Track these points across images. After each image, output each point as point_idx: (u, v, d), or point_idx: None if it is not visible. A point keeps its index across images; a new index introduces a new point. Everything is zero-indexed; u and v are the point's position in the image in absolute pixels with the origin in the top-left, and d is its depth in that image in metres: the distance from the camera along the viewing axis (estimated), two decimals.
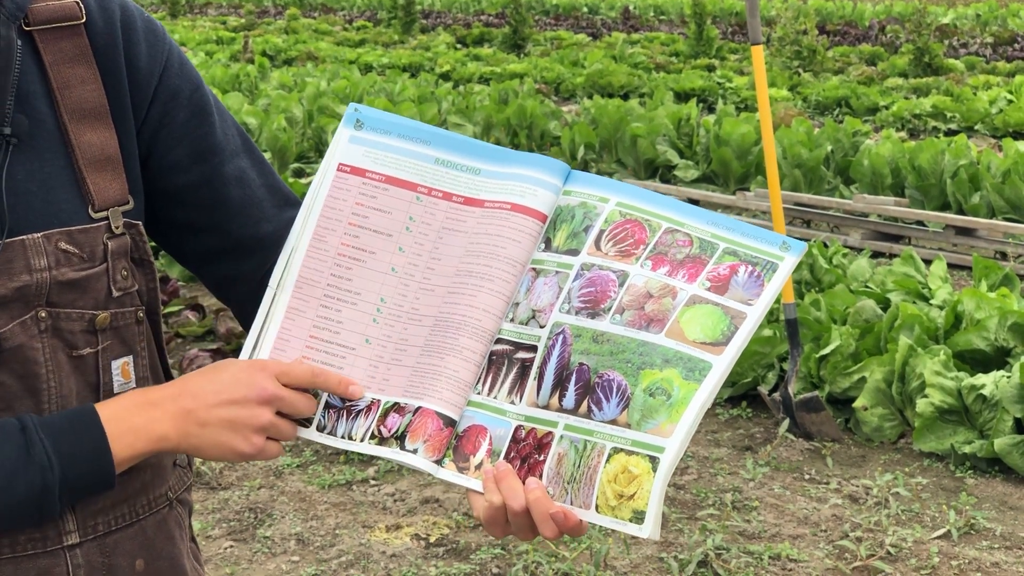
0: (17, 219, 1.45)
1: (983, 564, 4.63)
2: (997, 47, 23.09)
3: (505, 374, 1.51)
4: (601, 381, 1.45)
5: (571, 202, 1.55)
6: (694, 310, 1.45)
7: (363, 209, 1.56)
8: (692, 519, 4.96)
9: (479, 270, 1.53)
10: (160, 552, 1.61)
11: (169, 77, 1.59)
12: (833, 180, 11.18)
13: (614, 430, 1.43)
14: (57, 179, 1.50)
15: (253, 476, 5.38)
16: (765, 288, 1.44)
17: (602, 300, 1.48)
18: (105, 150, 1.53)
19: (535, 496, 1.43)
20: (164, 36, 1.61)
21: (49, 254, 1.46)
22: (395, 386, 1.53)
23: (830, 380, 5.96)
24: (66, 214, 1.49)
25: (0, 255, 1.44)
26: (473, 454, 1.49)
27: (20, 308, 1.45)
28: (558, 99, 18.80)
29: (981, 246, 9.07)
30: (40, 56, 1.51)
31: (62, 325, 1.48)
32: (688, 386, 1.41)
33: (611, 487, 1.42)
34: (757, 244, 1.47)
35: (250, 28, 29.68)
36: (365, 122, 1.60)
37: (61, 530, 1.50)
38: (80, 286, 1.49)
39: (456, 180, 1.57)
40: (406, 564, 4.59)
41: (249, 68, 18.62)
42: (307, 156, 13.14)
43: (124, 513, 1.56)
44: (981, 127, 15.23)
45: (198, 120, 1.61)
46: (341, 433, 1.53)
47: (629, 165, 12.38)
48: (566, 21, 31.01)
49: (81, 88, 1.52)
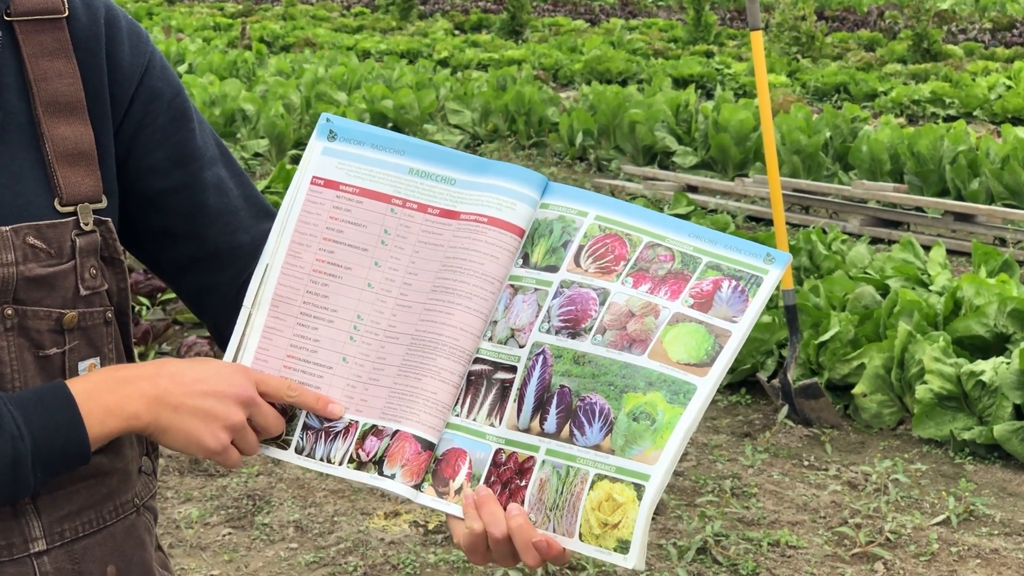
0: None
1: (982, 550, 4.63)
2: (996, 33, 23.06)
3: (484, 395, 1.48)
4: (583, 405, 1.42)
5: (549, 216, 1.51)
6: (677, 329, 1.42)
7: (337, 223, 1.54)
8: (691, 506, 4.95)
9: (455, 287, 1.50)
10: (131, 558, 1.58)
11: (151, 79, 1.58)
12: (832, 166, 11.17)
13: (598, 456, 1.40)
14: (28, 172, 1.47)
15: (251, 463, 5.37)
16: (750, 304, 1.42)
17: (583, 319, 1.45)
18: (79, 145, 1.50)
19: (517, 523, 1.41)
20: (147, 39, 1.60)
21: (17, 248, 1.44)
22: (373, 407, 1.50)
23: (829, 366, 5.96)
24: (35, 208, 1.46)
25: None
26: (452, 478, 1.46)
27: None
28: (556, 85, 18.77)
29: (980, 232, 9.07)
30: (19, 48, 1.49)
31: (29, 324, 1.45)
32: (673, 410, 1.38)
33: (595, 515, 1.39)
34: (741, 257, 1.44)
35: (248, 14, 29.61)
36: (338, 133, 1.57)
37: (27, 537, 1.47)
38: (48, 283, 1.46)
39: (431, 191, 1.53)
40: (404, 551, 4.59)
41: (247, 54, 18.59)
42: (305, 143, 12.98)
43: (91, 519, 1.53)
44: (980, 113, 15.22)
45: (178, 125, 1.59)
46: (320, 456, 1.51)
47: (627, 151, 12.37)
48: (564, 7, 30.93)
49: (58, 81, 1.50)
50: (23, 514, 1.47)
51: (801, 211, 10.14)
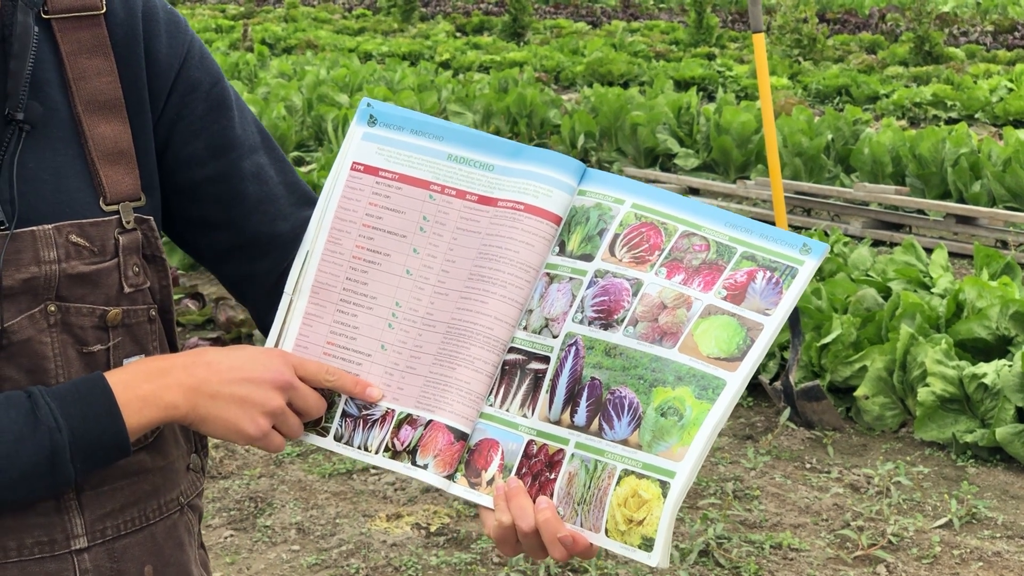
0: (27, 208, 1.43)
1: (985, 553, 4.62)
2: (997, 35, 23.04)
3: (518, 385, 1.47)
4: (613, 398, 1.41)
5: (586, 203, 1.50)
6: (709, 322, 1.40)
7: (377, 209, 1.54)
8: (693, 508, 4.95)
9: (491, 275, 1.49)
10: (169, 559, 1.58)
11: (189, 69, 1.57)
12: (834, 169, 11.16)
13: (625, 451, 1.40)
14: (69, 169, 1.47)
15: (253, 465, 5.37)
16: (784, 296, 1.39)
17: (615, 310, 1.44)
18: (118, 144, 1.50)
19: (544, 517, 1.41)
20: (186, 28, 1.59)
21: (59, 246, 1.43)
22: (409, 395, 1.51)
23: (831, 369, 5.96)
24: (78, 205, 1.46)
25: (9, 245, 1.41)
26: (485, 469, 1.47)
27: (28, 301, 1.42)
28: (558, 87, 18.77)
29: (982, 235, 9.06)
30: (58, 45, 1.49)
31: (72, 320, 1.45)
32: (701, 406, 1.37)
33: (621, 511, 1.39)
34: (777, 247, 1.42)
35: (249, 16, 29.63)
36: (378, 118, 1.57)
37: (69, 534, 1.47)
38: (91, 280, 1.46)
39: (469, 177, 1.53)
40: (407, 553, 4.59)
41: (248, 56, 18.61)
42: (306, 145, 13.12)
43: (134, 517, 1.53)
44: (982, 115, 15.21)
45: (217, 114, 1.59)
46: (358, 444, 1.51)
47: (629, 154, 12.37)
48: (566, 9, 30.94)
49: (97, 79, 1.50)
50: (66, 511, 1.47)
51: (803, 213, 10.14)
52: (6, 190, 1.42)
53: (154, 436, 1.54)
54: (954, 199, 9.96)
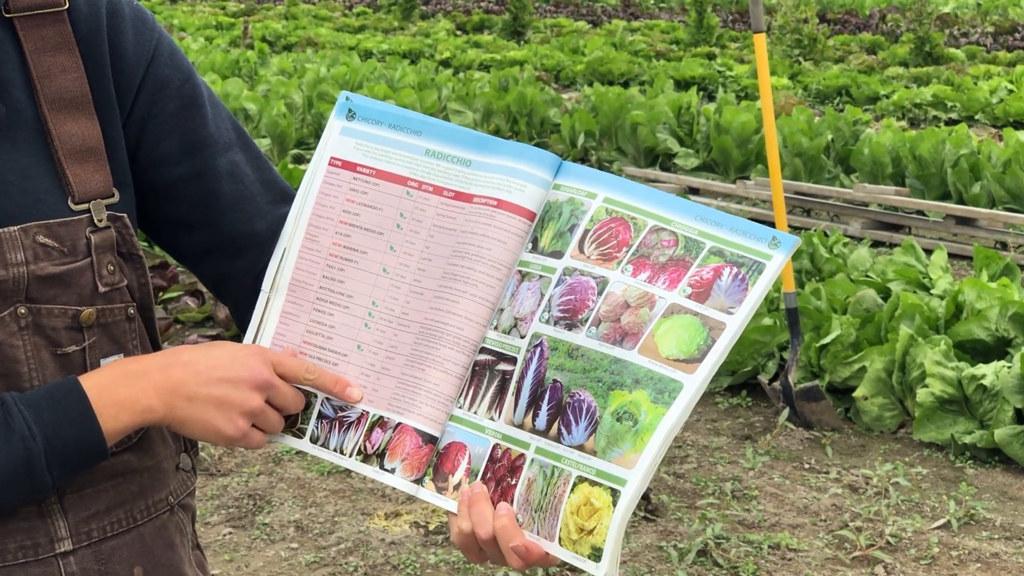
0: None
1: (983, 554, 4.63)
2: (998, 36, 23.04)
3: (486, 387, 1.44)
4: (572, 401, 1.38)
5: (560, 197, 1.47)
6: (671, 321, 1.36)
7: (354, 206, 1.51)
8: (692, 508, 4.95)
9: (464, 274, 1.46)
10: (159, 559, 1.55)
11: (157, 67, 1.54)
12: (833, 169, 11.16)
13: (580, 457, 1.36)
14: (35, 170, 1.44)
15: (252, 463, 5.37)
16: (748, 292, 1.35)
17: (580, 310, 1.40)
18: (87, 141, 1.47)
19: (501, 524, 1.38)
20: (153, 24, 1.56)
21: (26, 248, 1.40)
22: (382, 398, 1.48)
23: (830, 369, 5.96)
24: (45, 206, 1.43)
25: None
26: (452, 473, 1.43)
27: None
28: (558, 86, 18.77)
29: (982, 236, 9.07)
30: (20, 44, 1.46)
31: (44, 322, 1.43)
32: (656, 410, 1.33)
33: (573, 519, 1.35)
34: (745, 241, 1.38)
35: (250, 13, 29.61)
36: (357, 112, 1.54)
37: (53, 537, 1.45)
38: (62, 281, 1.43)
39: (447, 173, 1.49)
40: (405, 551, 4.59)
41: (249, 54, 18.61)
42: (306, 142, 13.12)
43: (120, 518, 1.51)
44: (982, 117, 15.21)
45: (189, 112, 1.56)
46: (333, 446, 1.49)
47: (629, 153, 12.37)
48: (566, 8, 30.92)
49: (62, 77, 1.47)
50: (49, 514, 1.45)
51: (803, 214, 10.14)
52: None
53: (139, 436, 1.52)
54: (954, 200, 9.97)
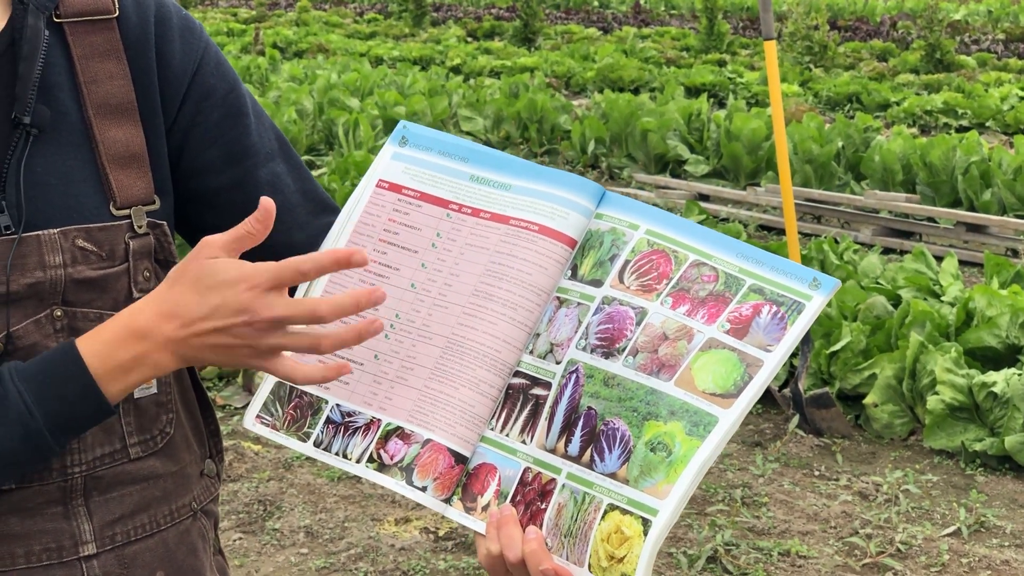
0: (34, 212, 1.41)
1: (993, 562, 4.62)
2: (1009, 44, 23.01)
3: (519, 411, 1.45)
4: (607, 429, 1.38)
5: (602, 227, 1.48)
6: (709, 356, 1.37)
7: (394, 225, 1.53)
8: (701, 514, 4.95)
9: (502, 295, 1.47)
10: (182, 564, 1.56)
11: (203, 75, 1.56)
12: (844, 176, 11.16)
13: (612, 484, 1.37)
14: (79, 174, 1.45)
15: (263, 468, 5.38)
16: (787, 332, 1.35)
17: (618, 339, 1.41)
18: (130, 147, 1.49)
19: (531, 548, 1.39)
20: (200, 33, 1.58)
21: (65, 251, 1.41)
22: (399, 408, 1.49)
23: (840, 376, 5.95)
24: (86, 210, 1.44)
25: (15, 249, 1.39)
26: (481, 494, 1.44)
27: (34, 306, 1.41)
28: (568, 93, 18.77)
29: (992, 243, 9.06)
30: (69, 49, 1.47)
31: (79, 325, 1.43)
32: (690, 443, 1.34)
33: (604, 547, 1.35)
34: (786, 281, 1.38)
35: (261, 20, 29.68)
36: (409, 139, 1.57)
37: (77, 540, 1.46)
38: (98, 285, 1.44)
39: (487, 196, 1.51)
40: (415, 557, 4.59)
41: (260, 60, 18.64)
42: (317, 148, 13.13)
43: (144, 523, 1.51)
44: (992, 124, 15.18)
45: (232, 121, 1.57)
46: (336, 450, 1.49)
47: (639, 160, 12.37)
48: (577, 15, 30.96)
49: (109, 83, 1.48)
50: (74, 516, 1.46)
51: (813, 220, 10.14)
52: (13, 195, 1.41)
53: (164, 442, 1.52)
54: (964, 207, 9.96)
